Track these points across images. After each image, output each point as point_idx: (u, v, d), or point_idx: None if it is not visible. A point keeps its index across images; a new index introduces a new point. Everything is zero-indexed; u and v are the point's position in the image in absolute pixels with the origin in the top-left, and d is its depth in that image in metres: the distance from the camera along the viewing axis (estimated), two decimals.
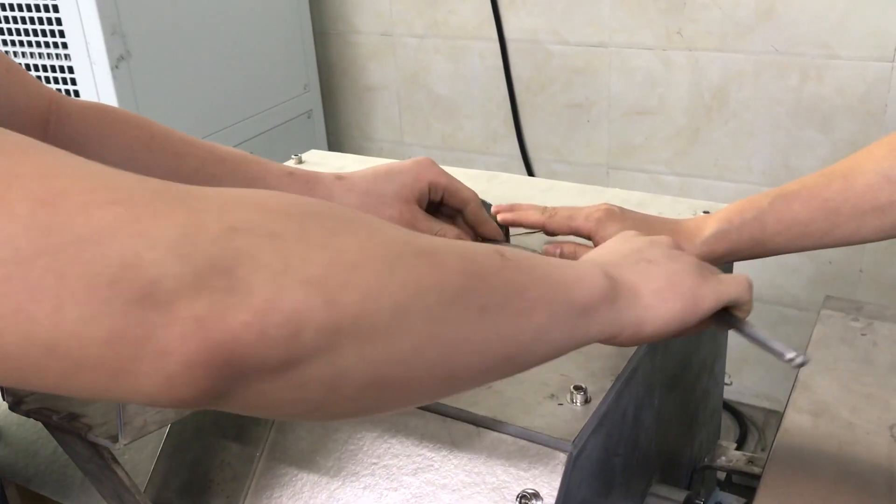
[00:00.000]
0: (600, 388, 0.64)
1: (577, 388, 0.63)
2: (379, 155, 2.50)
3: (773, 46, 1.89)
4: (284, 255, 0.34)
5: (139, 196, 0.32)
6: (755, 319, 1.20)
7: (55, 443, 0.76)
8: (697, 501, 0.78)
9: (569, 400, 0.63)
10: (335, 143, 2.50)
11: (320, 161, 1.15)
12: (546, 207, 0.84)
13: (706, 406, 0.96)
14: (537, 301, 0.46)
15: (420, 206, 0.80)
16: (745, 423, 2.15)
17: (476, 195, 0.84)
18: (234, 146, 2.06)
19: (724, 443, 0.94)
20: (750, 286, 0.61)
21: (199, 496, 0.68)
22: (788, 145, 1.97)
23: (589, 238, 0.81)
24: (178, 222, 0.32)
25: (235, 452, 0.68)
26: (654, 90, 2.05)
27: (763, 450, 2.10)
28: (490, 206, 0.88)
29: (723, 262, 0.79)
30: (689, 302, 0.55)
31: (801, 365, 0.56)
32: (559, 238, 0.84)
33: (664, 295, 0.54)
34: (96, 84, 1.76)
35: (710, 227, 0.77)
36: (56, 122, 0.71)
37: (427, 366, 0.41)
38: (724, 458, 0.91)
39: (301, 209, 0.37)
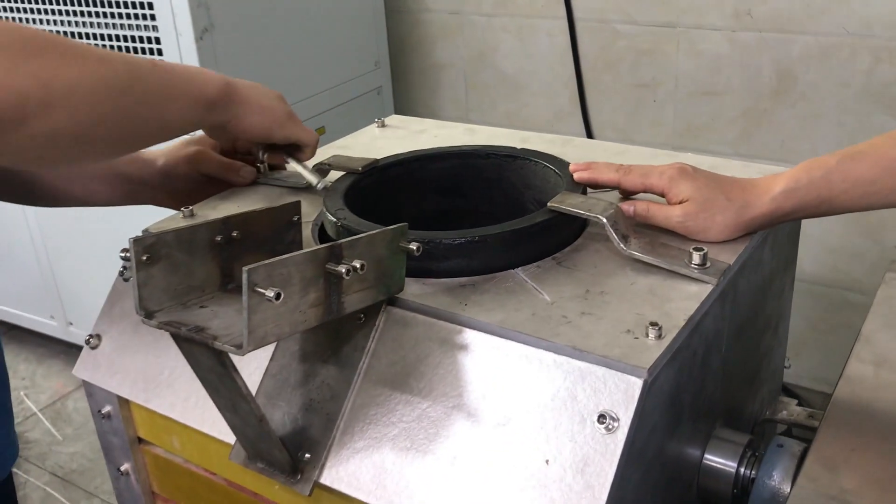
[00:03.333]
0: (673, 326, 0.69)
1: (653, 324, 0.68)
2: None
3: (844, 28, 1.90)
4: (14, 60, 0.63)
5: None
6: (815, 303, 1.20)
7: (169, 366, 0.84)
8: (759, 452, 0.82)
9: (644, 334, 0.68)
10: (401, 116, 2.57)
11: (401, 125, 1.21)
12: (620, 165, 0.89)
13: (769, 363, 1.00)
14: (179, 93, 0.80)
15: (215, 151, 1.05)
16: (803, 406, 2.16)
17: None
18: (306, 120, 2.13)
19: (784, 398, 0.98)
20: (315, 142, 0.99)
21: (300, 412, 0.75)
22: (856, 129, 1.97)
23: (662, 195, 0.85)
24: None
25: (333, 375, 0.75)
26: (722, 71, 2.07)
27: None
28: (567, 164, 0.93)
29: (790, 218, 0.82)
30: (270, 122, 0.93)
31: (324, 189, 0.93)
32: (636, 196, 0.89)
33: (261, 111, 0.92)
34: (181, 54, 1.84)
35: (779, 185, 0.81)
36: None
37: (108, 131, 0.73)
38: (785, 412, 0.95)
39: (33, 40, 0.66)
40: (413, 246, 0.73)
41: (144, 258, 0.67)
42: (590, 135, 2.31)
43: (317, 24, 2.11)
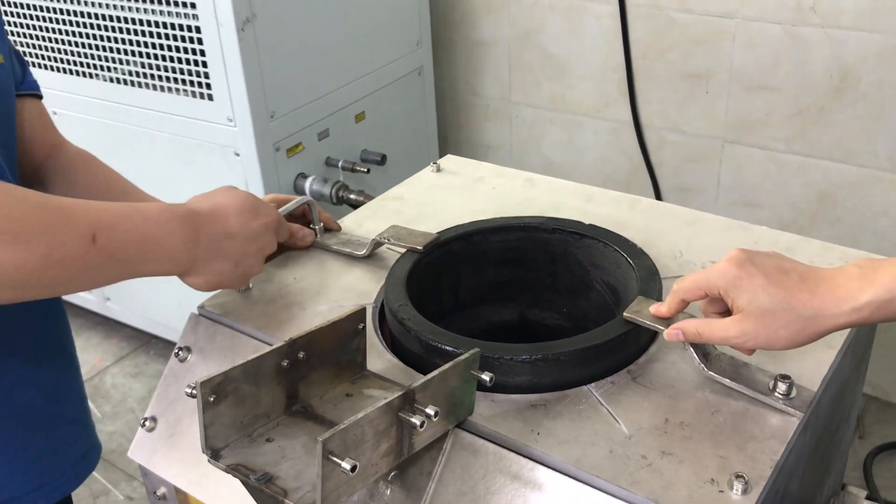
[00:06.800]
0: (759, 475, 0.66)
1: (738, 476, 0.65)
2: (485, 112, 2.49)
3: None
4: None
5: None
6: None
7: None
8: None
9: (728, 486, 0.65)
10: (441, 97, 2.50)
11: (457, 169, 1.17)
12: (676, 282, 0.76)
13: (838, 451, 0.97)
14: (113, 275, 0.74)
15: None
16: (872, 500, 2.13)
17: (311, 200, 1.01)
18: (347, 105, 2.07)
19: (853, 489, 0.95)
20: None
21: None
22: None
23: (722, 298, 0.73)
24: None
25: (399, 498, 0.73)
26: (780, 66, 1.98)
27: (861, 437, 2.08)
28: (639, 249, 0.89)
29: (872, 324, 0.71)
30: (226, 281, 0.84)
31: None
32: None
33: (214, 275, 0.82)
34: (222, 45, 1.79)
35: (866, 293, 0.68)
36: (54, 155, 1.01)
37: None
38: None
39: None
40: (486, 377, 0.70)
41: (211, 399, 0.64)
42: (637, 123, 2.24)
43: (359, 8, 2.03)
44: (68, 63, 2.08)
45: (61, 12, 2.00)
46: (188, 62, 1.85)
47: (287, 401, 0.71)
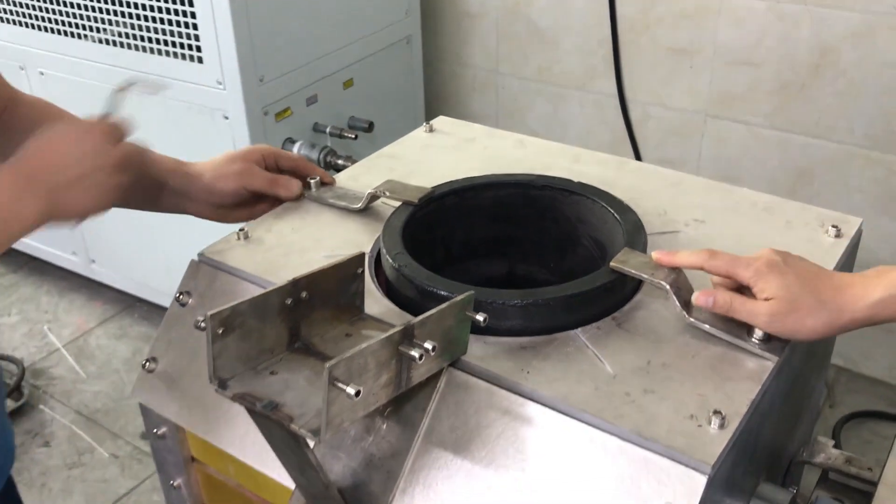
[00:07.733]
0: (735, 412, 0.70)
1: (716, 412, 0.69)
2: (472, 83, 2.52)
3: (894, 6, 1.84)
4: None
5: None
6: None
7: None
8: (799, 501, 0.84)
9: (707, 422, 0.69)
10: (429, 67, 2.52)
11: (449, 130, 1.20)
12: (705, 250, 0.81)
13: (809, 402, 1.02)
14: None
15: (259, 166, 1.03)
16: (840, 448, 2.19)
17: (303, 158, 1.06)
18: (336, 72, 2.08)
19: (822, 439, 1.00)
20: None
21: (360, 466, 0.76)
22: (895, 110, 1.94)
23: (747, 286, 0.78)
24: None
25: (395, 432, 0.76)
26: (763, 42, 2.02)
27: (831, 406, 2.15)
28: (626, 206, 0.92)
29: (884, 322, 0.77)
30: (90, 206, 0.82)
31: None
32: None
33: (74, 209, 0.80)
34: (213, 7, 1.80)
35: (878, 291, 0.74)
36: (11, 108, 0.99)
37: None
38: (822, 454, 0.97)
39: None
40: (480, 317, 0.73)
41: (220, 331, 0.67)
42: (621, 96, 2.27)
43: None
44: (57, 23, 2.07)
45: None
46: (178, 24, 1.86)
47: (290, 338, 0.75)
